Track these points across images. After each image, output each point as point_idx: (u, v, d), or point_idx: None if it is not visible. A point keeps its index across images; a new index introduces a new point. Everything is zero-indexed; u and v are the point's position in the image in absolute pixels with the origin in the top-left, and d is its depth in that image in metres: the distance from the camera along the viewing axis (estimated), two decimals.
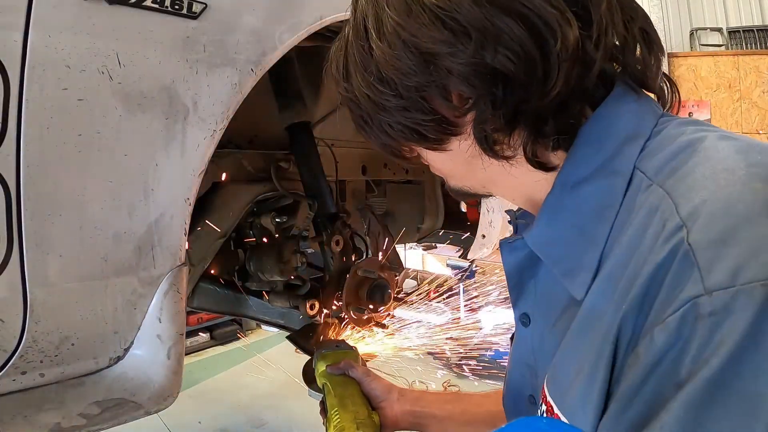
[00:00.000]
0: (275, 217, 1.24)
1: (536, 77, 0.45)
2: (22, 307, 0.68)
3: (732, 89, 3.53)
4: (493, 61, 0.45)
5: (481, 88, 0.47)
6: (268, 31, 0.88)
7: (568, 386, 0.47)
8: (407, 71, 0.48)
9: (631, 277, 0.40)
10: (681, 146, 0.44)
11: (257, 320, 1.43)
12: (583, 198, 0.49)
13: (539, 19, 0.44)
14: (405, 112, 0.51)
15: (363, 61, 0.52)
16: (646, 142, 0.48)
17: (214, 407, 3.07)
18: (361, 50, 0.52)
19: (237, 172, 1.24)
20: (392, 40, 0.49)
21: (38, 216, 0.67)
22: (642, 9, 0.51)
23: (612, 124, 0.48)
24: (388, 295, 1.26)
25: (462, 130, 0.51)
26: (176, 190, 0.80)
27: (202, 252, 1.11)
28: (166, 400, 0.82)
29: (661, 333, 0.35)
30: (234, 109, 0.85)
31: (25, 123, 0.64)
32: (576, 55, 0.45)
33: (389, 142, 0.57)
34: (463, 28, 0.45)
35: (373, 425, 0.82)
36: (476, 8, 0.45)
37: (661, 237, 0.38)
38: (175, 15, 0.75)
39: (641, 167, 0.46)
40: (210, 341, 4.04)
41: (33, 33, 0.63)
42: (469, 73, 0.46)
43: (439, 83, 0.48)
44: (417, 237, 2.05)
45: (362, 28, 0.52)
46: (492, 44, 0.45)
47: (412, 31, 0.47)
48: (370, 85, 0.52)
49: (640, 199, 0.44)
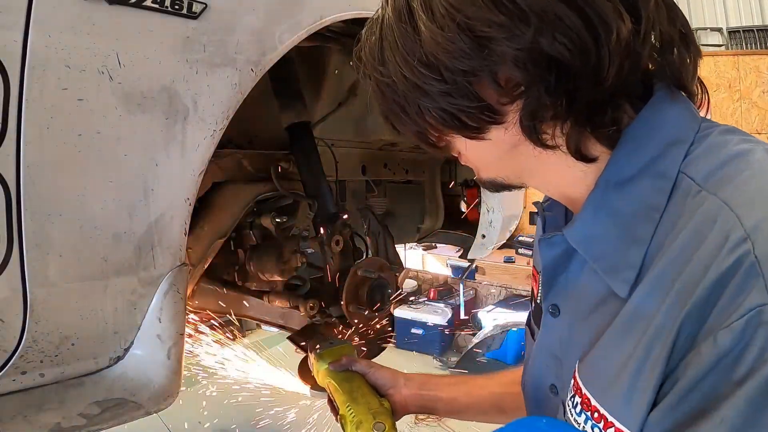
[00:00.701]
0: (275, 217, 1.24)
1: (589, 67, 0.46)
2: (22, 307, 0.68)
3: (732, 89, 3.53)
4: (550, 48, 0.45)
5: (535, 74, 0.46)
6: (268, 31, 0.88)
7: (610, 381, 0.48)
8: (459, 55, 0.48)
9: (690, 281, 0.42)
10: (730, 156, 0.46)
11: (257, 320, 1.43)
12: (628, 197, 0.50)
13: (593, 11, 0.45)
14: (448, 98, 0.50)
15: (405, 44, 0.51)
16: (690, 147, 0.49)
17: (214, 407, 3.07)
18: (404, 32, 0.51)
19: (237, 172, 1.24)
20: (444, 23, 0.48)
21: (38, 216, 0.67)
22: (681, 11, 0.51)
23: (657, 125, 0.49)
24: (388, 295, 1.26)
25: (504, 119, 0.51)
26: (176, 190, 0.80)
27: (202, 252, 1.11)
28: (166, 400, 0.82)
29: (725, 335, 0.38)
30: (234, 109, 0.85)
31: (25, 123, 0.64)
32: (628, 49, 0.46)
33: (424, 129, 0.56)
34: (522, 12, 0.45)
35: (387, 412, 0.84)
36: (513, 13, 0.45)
37: (726, 247, 0.40)
38: (175, 15, 0.75)
39: (687, 172, 0.47)
40: None
41: (33, 33, 0.63)
42: (524, 59, 0.46)
43: (491, 68, 0.48)
44: (417, 237, 2.05)
45: (405, 10, 0.51)
46: (550, 31, 0.45)
47: (468, 14, 0.46)
48: (412, 68, 0.50)
49: (690, 205, 0.45)
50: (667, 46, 0.50)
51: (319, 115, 1.44)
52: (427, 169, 1.94)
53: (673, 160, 0.48)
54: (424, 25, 0.49)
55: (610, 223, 0.51)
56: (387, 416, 0.83)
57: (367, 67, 0.57)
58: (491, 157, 0.57)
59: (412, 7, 0.51)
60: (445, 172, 2.02)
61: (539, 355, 0.67)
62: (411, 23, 0.50)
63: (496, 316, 3.76)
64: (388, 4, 0.54)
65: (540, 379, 0.67)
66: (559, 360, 0.62)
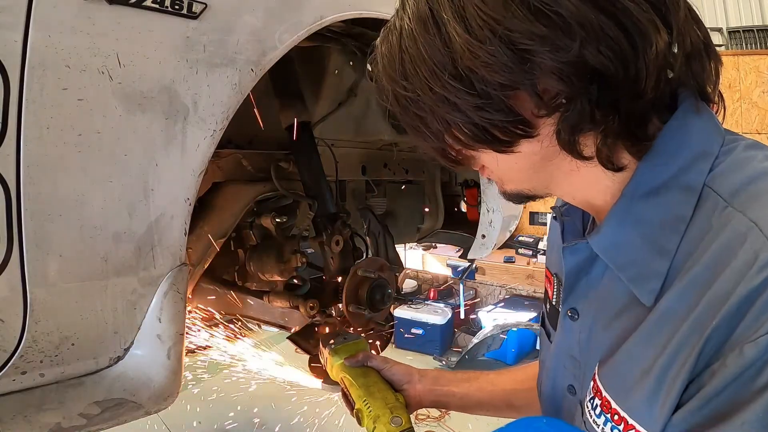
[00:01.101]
0: (275, 217, 1.24)
1: (630, 79, 0.46)
2: (22, 307, 0.68)
3: (732, 89, 3.53)
4: (594, 59, 0.45)
5: (579, 86, 0.46)
6: (268, 31, 0.88)
7: (632, 385, 0.50)
8: (500, 68, 0.46)
9: (720, 294, 0.44)
10: (757, 173, 0.47)
11: (257, 320, 1.43)
12: (654, 208, 0.50)
13: (632, 23, 0.45)
14: (480, 112, 0.49)
15: (433, 56, 0.49)
16: (715, 160, 0.50)
17: (214, 407, 3.07)
18: (431, 43, 0.49)
19: (237, 172, 1.24)
20: (483, 35, 0.46)
21: (38, 216, 0.67)
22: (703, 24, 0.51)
23: (684, 137, 0.50)
24: (388, 295, 1.26)
25: (538, 132, 0.51)
26: (176, 190, 0.80)
27: (202, 252, 1.11)
28: (166, 400, 0.82)
29: (751, 348, 0.41)
30: (234, 109, 0.85)
31: (25, 123, 0.64)
32: (664, 60, 0.46)
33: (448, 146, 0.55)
34: (566, 24, 0.44)
35: (403, 407, 0.85)
36: (578, 3, 0.44)
37: (755, 265, 0.42)
38: (175, 15, 0.75)
39: (713, 186, 0.48)
40: None
41: (33, 33, 0.63)
42: (568, 72, 0.45)
43: (532, 81, 0.47)
44: (417, 237, 2.05)
45: (431, 20, 0.49)
46: (594, 42, 0.44)
47: (509, 26, 0.45)
48: (442, 81, 0.49)
49: (717, 220, 0.46)
50: (695, 57, 0.50)
51: (319, 115, 1.44)
52: (427, 169, 1.94)
53: (699, 173, 0.49)
54: (458, 36, 0.47)
55: (636, 232, 0.51)
56: (403, 410, 0.84)
57: (386, 79, 0.55)
58: (519, 170, 0.56)
59: (441, 17, 0.48)
60: (445, 173, 2.02)
61: (557, 356, 0.68)
62: (440, 34, 0.48)
63: (496, 316, 3.76)
64: (406, 12, 0.52)
65: (557, 380, 0.68)
66: (577, 362, 0.63)
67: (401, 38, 0.52)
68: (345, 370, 0.94)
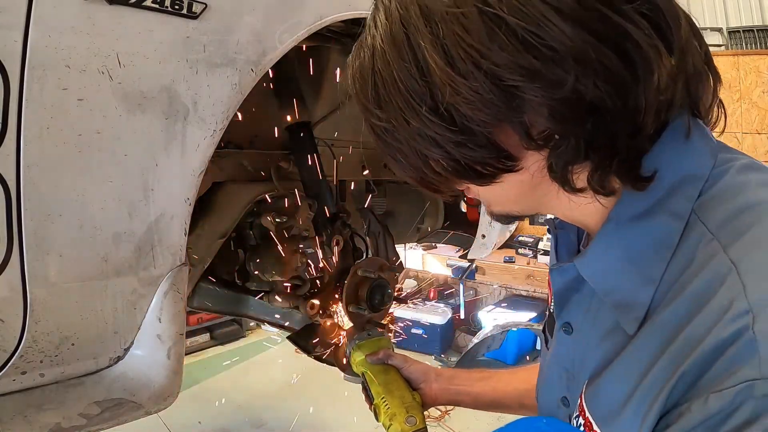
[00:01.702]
0: (275, 217, 1.24)
1: (629, 112, 0.42)
2: (22, 307, 0.68)
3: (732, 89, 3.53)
4: (591, 94, 0.41)
5: (572, 122, 0.42)
6: (268, 31, 0.88)
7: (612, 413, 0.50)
8: (483, 106, 0.42)
9: (691, 338, 0.43)
10: (746, 205, 0.45)
11: (257, 320, 1.42)
12: (640, 233, 0.48)
13: (634, 50, 0.41)
14: (461, 148, 0.45)
15: (408, 85, 0.44)
16: (705, 184, 0.47)
17: (214, 407, 3.07)
18: (407, 72, 0.44)
19: (237, 172, 1.24)
20: (465, 68, 0.41)
21: (38, 216, 0.67)
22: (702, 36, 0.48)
23: (671, 160, 0.47)
24: (389, 295, 1.26)
25: (522, 165, 0.47)
26: (176, 190, 0.80)
27: (202, 252, 1.11)
28: (166, 400, 0.82)
29: (715, 399, 0.40)
30: (234, 109, 0.85)
31: (25, 123, 0.64)
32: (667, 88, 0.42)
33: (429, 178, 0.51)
34: (558, 56, 0.40)
35: (418, 406, 0.89)
36: (573, 32, 0.39)
37: (728, 315, 0.40)
38: (175, 15, 0.75)
39: (701, 215, 0.46)
40: (210, 341, 4.04)
41: (33, 33, 0.63)
42: (562, 109, 0.41)
43: (520, 119, 0.43)
44: (417, 237, 2.05)
45: (406, 44, 0.44)
46: (590, 76, 0.40)
47: (495, 59, 0.40)
48: (418, 115, 0.45)
49: (701, 253, 0.44)
50: (695, 79, 0.47)
51: (319, 115, 1.44)
52: None
53: (686, 198, 0.47)
54: (437, 68, 0.42)
55: (622, 257, 0.50)
56: (418, 410, 0.88)
57: (359, 105, 0.50)
58: (506, 196, 0.53)
59: (418, 43, 0.43)
60: None
61: (552, 365, 0.67)
62: (416, 62, 0.43)
63: (496, 316, 3.76)
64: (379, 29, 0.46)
65: (552, 391, 0.67)
66: (571, 374, 0.62)
67: (374, 59, 0.47)
68: (366, 366, 0.98)
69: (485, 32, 0.41)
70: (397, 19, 0.44)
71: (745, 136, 3.59)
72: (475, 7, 0.41)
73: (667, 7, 0.43)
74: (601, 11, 0.40)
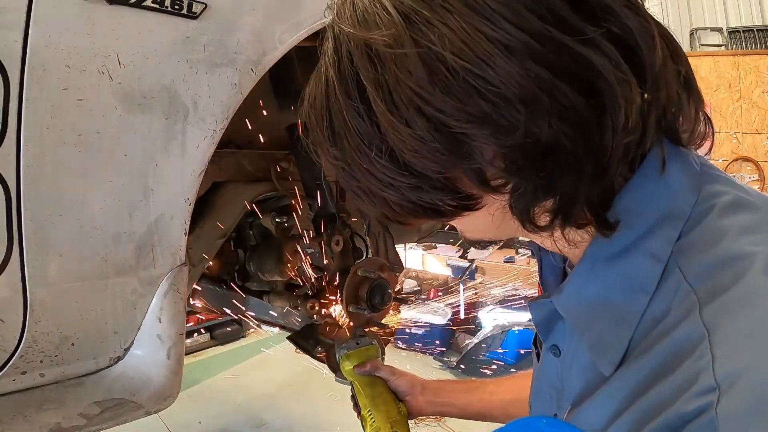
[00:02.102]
0: (275, 217, 1.24)
1: (591, 153, 0.38)
2: (22, 307, 0.68)
3: (732, 89, 3.53)
4: (546, 135, 0.37)
5: (529, 168, 0.39)
6: (268, 31, 0.88)
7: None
8: (430, 155, 0.39)
9: (657, 403, 0.40)
10: (725, 257, 0.41)
11: (257, 320, 1.43)
12: (616, 274, 0.45)
13: (597, 81, 0.37)
14: (416, 191, 0.42)
15: (358, 127, 0.41)
16: (686, 224, 0.43)
17: (214, 407, 3.07)
18: (357, 116, 0.41)
19: (237, 172, 1.24)
20: (408, 115, 0.38)
21: (38, 216, 0.67)
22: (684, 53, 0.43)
23: (648, 198, 0.44)
24: (388, 295, 1.26)
25: (484, 203, 0.44)
26: (176, 190, 0.80)
27: (202, 252, 1.11)
28: (166, 400, 0.82)
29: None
30: (234, 109, 0.85)
31: (25, 123, 0.64)
32: (637, 125, 0.38)
33: (392, 216, 0.48)
34: (508, 99, 0.36)
35: (404, 419, 0.91)
36: (521, 71, 0.36)
37: (693, 389, 0.37)
38: (175, 15, 0.75)
39: (680, 261, 0.43)
40: (210, 341, 4.04)
41: (33, 33, 0.63)
42: (515, 156, 0.38)
43: (473, 167, 0.40)
44: (417, 237, 2.04)
45: (354, 83, 0.40)
46: (545, 116, 0.36)
47: (439, 105, 0.37)
48: (368, 157, 0.42)
49: (677, 307, 0.41)
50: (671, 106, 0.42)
51: None
52: None
53: (665, 240, 0.43)
54: (381, 113, 0.39)
55: (599, 297, 0.47)
56: (403, 425, 0.90)
57: (315, 137, 0.46)
58: (474, 227, 0.51)
59: (362, 83, 0.40)
60: None
61: (543, 383, 0.65)
62: (364, 104, 0.40)
63: (496, 316, 3.76)
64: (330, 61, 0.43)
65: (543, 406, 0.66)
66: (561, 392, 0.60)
67: (327, 94, 0.43)
68: (354, 377, 0.99)
69: (426, 75, 0.37)
70: (346, 53, 0.41)
71: (745, 136, 3.59)
72: (416, 45, 0.37)
73: (639, 26, 0.38)
74: (559, 41, 0.36)
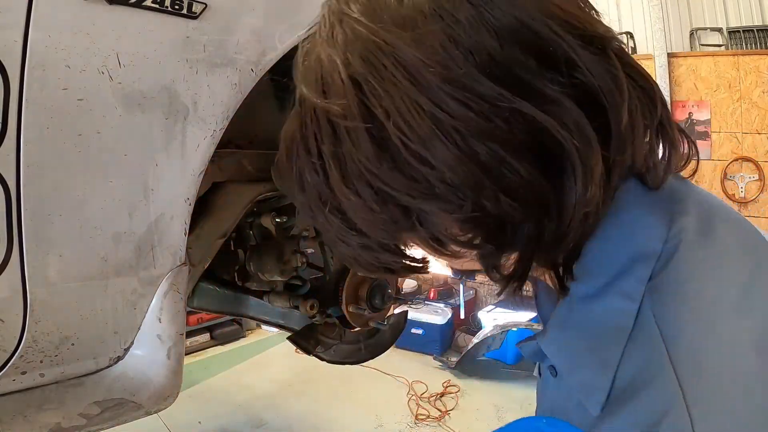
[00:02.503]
0: (275, 217, 1.24)
1: (551, 219, 0.38)
2: (22, 307, 0.68)
3: (732, 89, 3.53)
4: (496, 209, 0.36)
5: (484, 235, 0.39)
6: (268, 31, 0.88)
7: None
8: (381, 225, 0.39)
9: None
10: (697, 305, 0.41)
11: (257, 320, 1.43)
12: (594, 315, 0.45)
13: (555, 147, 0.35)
14: (372, 252, 0.42)
15: (314, 183, 0.40)
16: (657, 263, 0.43)
17: (214, 407, 3.07)
18: (315, 174, 0.40)
19: (237, 172, 1.24)
20: (360, 187, 0.37)
21: (38, 216, 0.67)
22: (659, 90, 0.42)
23: (620, 237, 0.44)
24: (388, 295, 1.26)
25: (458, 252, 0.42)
26: (176, 190, 0.80)
27: (202, 252, 1.11)
28: (166, 400, 0.82)
29: None
30: (234, 109, 0.85)
31: (25, 123, 0.64)
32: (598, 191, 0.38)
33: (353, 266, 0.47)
34: (449, 183, 0.35)
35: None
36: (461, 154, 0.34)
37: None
38: (175, 15, 0.75)
39: (653, 306, 0.42)
40: (210, 341, 4.04)
41: (33, 33, 0.63)
42: (466, 227, 0.38)
43: (424, 235, 0.39)
44: None
45: (313, 140, 0.39)
46: (491, 196, 0.36)
47: (387, 180, 0.36)
48: (324, 214, 0.41)
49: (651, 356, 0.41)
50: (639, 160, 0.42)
51: None
52: None
53: (638, 280, 0.43)
54: (335, 180, 0.38)
55: (579, 339, 0.47)
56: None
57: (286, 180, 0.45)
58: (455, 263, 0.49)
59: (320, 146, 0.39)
60: None
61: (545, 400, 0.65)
62: (321, 163, 0.39)
63: (496, 316, 3.76)
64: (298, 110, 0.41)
65: None
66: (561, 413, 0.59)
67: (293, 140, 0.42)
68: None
69: (374, 150, 0.36)
70: (310, 110, 0.39)
71: (745, 136, 3.59)
72: (365, 119, 0.36)
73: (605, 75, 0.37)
74: (515, 110, 0.34)
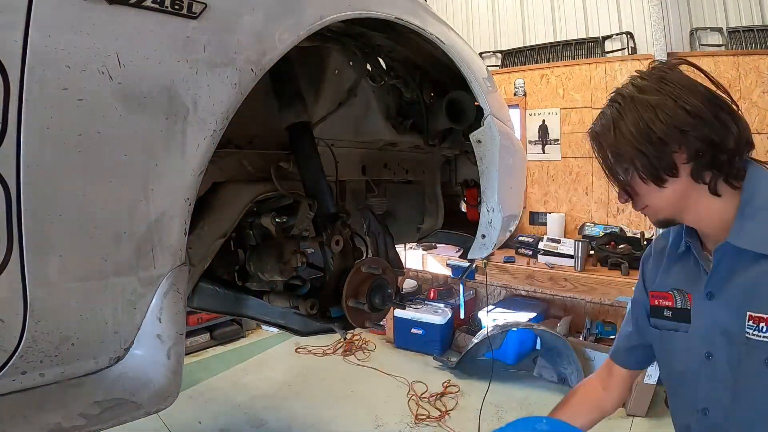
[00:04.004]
0: (275, 217, 1.24)
1: (726, 147, 0.93)
2: (22, 307, 0.68)
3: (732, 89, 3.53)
4: (714, 136, 0.92)
5: (703, 150, 0.93)
6: (268, 31, 0.88)
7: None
8: (642, 149, 0.94)
9: None
10: None
11: (257, 320, 1.42)
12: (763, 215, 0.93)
13: (724, 119, 0.93)
14: (642, 157, 0.95)
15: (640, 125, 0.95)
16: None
17: (214, 407, 3.08)
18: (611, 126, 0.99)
19: (237, 172, 1.24)
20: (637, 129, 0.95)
21: (38, 216, 0.67)
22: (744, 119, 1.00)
23: (761, 180, 0.95)
24: (388, 296, 1.26)
25: (678, 174, 0.95)
26: (176, 190, 0.80)
27: (202, 252, 1.11)
28: (166, 400, 0.82)
29: None
30: (234, 109, 0.85)
31: (25, 123, 0.64)
32: (739, 140, 0.95)
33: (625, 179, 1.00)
34: (702, 121, 0.92)
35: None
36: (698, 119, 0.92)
37: None
38: (175, 15, 0.75)
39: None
40: (210, 341, 4.04)
41: (33, 33, 0.63)
42: (697, 146, 0.93)
43: (681, 144, 0.93)
44: (417, 237, 2.04)
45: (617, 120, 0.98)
46: (708, 130, 0.92)
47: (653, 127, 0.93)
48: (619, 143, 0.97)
49: None
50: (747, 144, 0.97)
51: (319, 115, 1.44)
52: (427, 169, 1.94)
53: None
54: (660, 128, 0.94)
55: (759, 220, 0.92)
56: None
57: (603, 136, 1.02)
58: (665, 202, 0.99)
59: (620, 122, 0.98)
60: (445, 173, 2.02)
61: (694, 331, 1.01)
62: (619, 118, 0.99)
63: (496, 316, 3.76)
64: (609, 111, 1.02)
65: (690, 355, 1.01)
66: (719, 325, 0.96)
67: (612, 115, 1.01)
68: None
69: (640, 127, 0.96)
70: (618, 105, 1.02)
71: None
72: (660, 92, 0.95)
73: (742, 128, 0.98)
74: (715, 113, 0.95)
